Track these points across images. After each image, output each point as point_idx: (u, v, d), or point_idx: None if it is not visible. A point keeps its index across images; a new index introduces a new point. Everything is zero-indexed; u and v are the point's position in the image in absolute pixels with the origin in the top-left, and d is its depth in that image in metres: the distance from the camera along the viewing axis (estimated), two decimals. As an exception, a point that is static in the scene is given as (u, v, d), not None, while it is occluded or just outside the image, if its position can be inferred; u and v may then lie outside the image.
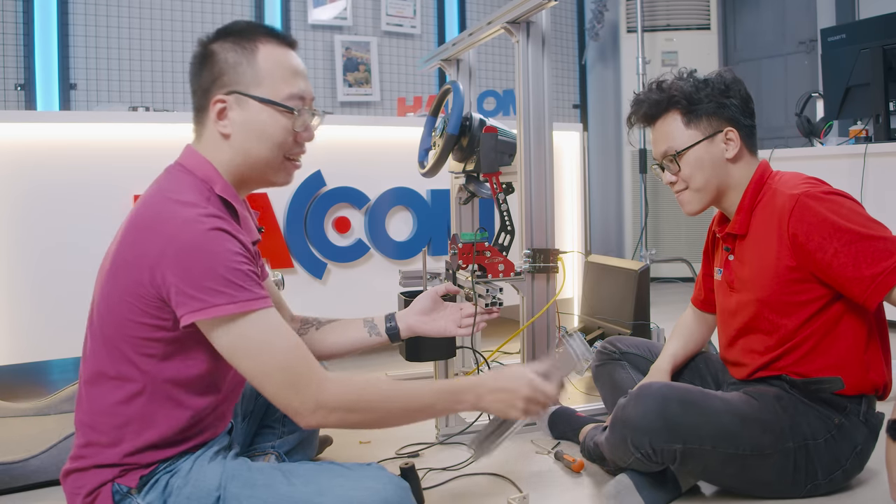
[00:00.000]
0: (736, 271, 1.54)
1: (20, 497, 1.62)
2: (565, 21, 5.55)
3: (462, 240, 1.76)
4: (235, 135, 1.20)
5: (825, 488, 1.44)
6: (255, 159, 1.21)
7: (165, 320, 1.11)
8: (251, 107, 1.19)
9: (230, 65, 1.19)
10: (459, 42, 2.29)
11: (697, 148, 1.51)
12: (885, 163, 3.15)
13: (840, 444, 1.43)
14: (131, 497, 1.12)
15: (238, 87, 1.18)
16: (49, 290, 2.35)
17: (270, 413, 1.57)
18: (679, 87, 1.53)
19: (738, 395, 1.47)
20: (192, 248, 1.06)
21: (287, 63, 1.22)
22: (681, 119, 1.53)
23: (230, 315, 1.06)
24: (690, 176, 1.53)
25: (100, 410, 1.14)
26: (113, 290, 1.12)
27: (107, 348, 1.13)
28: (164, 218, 1.10)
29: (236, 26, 1.23)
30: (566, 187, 3.28)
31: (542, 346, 2.01)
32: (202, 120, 1.23)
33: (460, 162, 2.03)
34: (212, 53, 1.21)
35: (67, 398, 1.97)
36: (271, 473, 1.15)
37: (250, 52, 1.19)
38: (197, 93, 1.23)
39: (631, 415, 1.40)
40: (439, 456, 1.81)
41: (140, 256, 1.09)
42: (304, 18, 4.57)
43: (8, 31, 3.80)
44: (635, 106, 1.60)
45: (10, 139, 2.31)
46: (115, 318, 1.12)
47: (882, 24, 3.30)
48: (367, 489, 1.10)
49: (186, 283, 1.06)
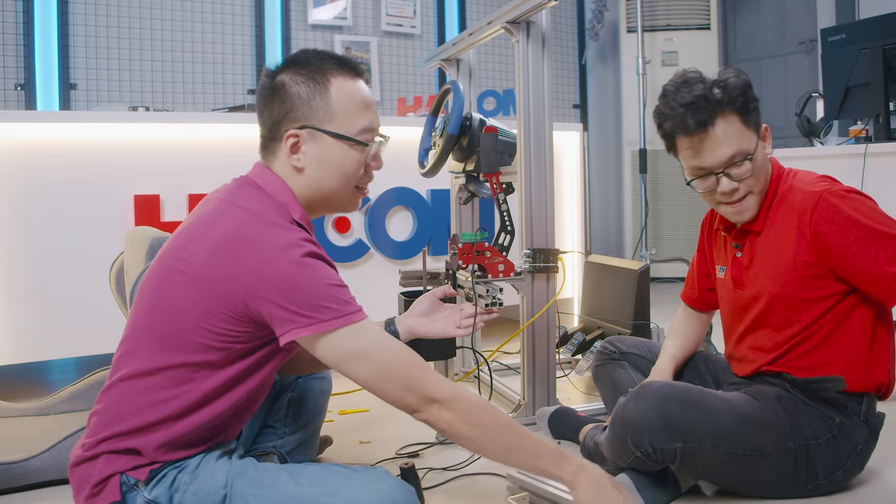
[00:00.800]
0: (746, 268, 1.53)
1: (20, 497, 1.62)
2: (565, 21, 5.55)
3: (462, 240, 1.76)
4: (309, 168, 1.22)
5: (825, 488, 1.44)
6: (327, 191, 1.24)
7: (243, 333, 1.14)
8: (325, 142, 1.21)
9: (303, 99, 1.20)
10: (459, 42, 2.29)
11: (759, 149, 1.44)
12: (885, 163, 3.14)
13: (841, 443, 1.43)
14: (138, 490, 1.13)
15: (311, 121, 1.21)
16: (49, 290, 2.35)
17: (273, 413, 1.57)
18: (732, 85, 1.41)
19: (739, 394, 1.47)
20: (294, 276, 1.10)
21: (359, 96, 1.24)
22: (739, 120, 1.42)
23: (336, 329, 1.11)
24: (756, 180, 1.44)
25: (131, 404, 1.15)
26: (190, 297, 1.13)
27: (160, 347, 1.15)
28: (258, 238, 1.12)
29: (306, 57, 1.24)
30: (566, 187, 3.28)
31: (541, 347, 2.01)
32: (273, 149, 1.25)
33: (460, 162, 2.04)
34: (282, 86, 1.22)
35: (67, 398, 1.97)
36: (277, 473, 1.17)
37: (322, 85, 1.21)
38: (266, 123, 1.24)
39: (631, 413, 1.40)
40: (439, 456, 1.81)
41: (235, 275, 1.11)
42: (304, 18, 4.57)
43: (8, 31, 3.80)
44: (682, 113, 1.40)
45: (10, 139, 2.31)
46: (184, 323, 1.13)
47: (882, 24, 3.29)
48: (374, 491, 1.12)
49: (290, 303, 1.09)
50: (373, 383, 1.15)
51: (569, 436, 1.85)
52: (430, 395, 1.15)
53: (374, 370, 1.14)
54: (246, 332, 1.14)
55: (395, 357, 1.16)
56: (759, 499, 1.46)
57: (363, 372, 1.14)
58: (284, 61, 1.24)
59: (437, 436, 1.91)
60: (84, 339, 2.38)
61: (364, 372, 1.14)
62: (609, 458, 1.52)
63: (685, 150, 1.45)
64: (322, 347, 1.12)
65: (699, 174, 1.45)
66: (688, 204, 4.89)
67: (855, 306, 1.42)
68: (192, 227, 1.19)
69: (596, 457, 1.63)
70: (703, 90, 1.40)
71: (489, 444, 1.18)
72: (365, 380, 1.15)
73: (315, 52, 1.25)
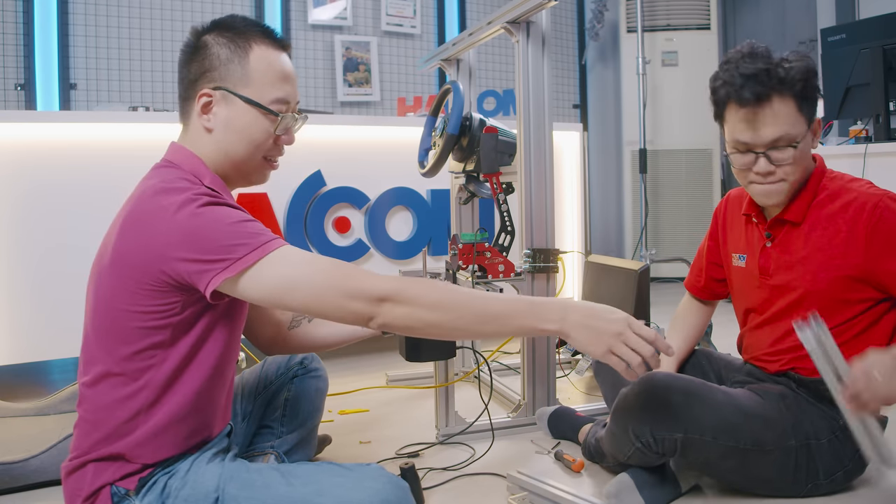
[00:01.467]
0: (777, 258, 1.50)
1: (20, 497, 1.62)
2: (565, 21, 5.55)
3: (462, 240, 1.76)
4: (217, 131, 1.20)
5: (826, 488, 1.44)
6: (233, 157, 1.21)
7: (174, 304, 1.11)
8: (237, 105, 1.20)
9: (221, 60, 1.19)
10: (459, 42, 2.29)
11: (806, 139, 1.41)
12: (885, 163, 3.14)
13: (843, 444, 1.42)
14: (129, 500, 1.12)
15: (226, 83, 1.19)
16: (49, 290, 2.35)
17: (269, 413, 1.57)
18: (796, 69, 1.37)
19: (743, 390, 1.47)
20: (196, 227, 1.06)
21: (278, 66, 1.22)
22: (795, 105, 1.38)
23: (254, 263, 1.05)
24: (793, 169, 1.41)
25: (102, 407, 1.13)
26: (115, 285, 1.12)
27: (108, 344, 1.13)
28: (160, 207, 1.09)
29: (233, 21, 1.23)
30: (566, 187, 3.28)
31: (541, 347, 2.01)
32: (187, 111, 1.23)
33: (460, 162, 2.03)
34: (204, 45, 1.21)
35: (67, 398, 1.97)
36: (270, 474, 1.15)
37: (244, 50, 1.20)
38: (184, 82, 1.23)
39: (633, 402, 1.40)
40: (439, 456, 1.81)
41: (144, 248, 1.08)
42: (304, 18, 4.57)
43: (8, 31, 3.80)
44: (741, 83, 1.37)
45: (10, 139, 2.31)
46: (117, 312, 1.12)
47: (882, 24, 3.29)
48: (367, 489, 1.10)
49: (200, 252, 1.06)
50: (314, 306, 1.08)
51: (569, 435, 1.85)
52: (376, 295, 1.08)
53: (308, 292, 1.07)
54: (177, 302, 1.11)
55: (325, 271, 1.08)
56: (760, 497, 1.46)
57: (299, 298, 1.07)
58: (212, 23, 1.24)
59: (438, 436, 1.91)
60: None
61: (300, 297, 1.07)
62: (609, 452, 1.52)
63: (733, 121, 1.42)
64: (248, 288, 1.06)
65: (740, 149, 1.42)
66: (688, 204, 4.89)
67: (884, 314, 1.41)
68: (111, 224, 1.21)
69: (596, 454, 1.63)
70: (766, 65, 1.36)
71: (457, 321, 1.09)
72: (305, 306, 1.08)
73: (243, 18, 1.25)
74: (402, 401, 2.31)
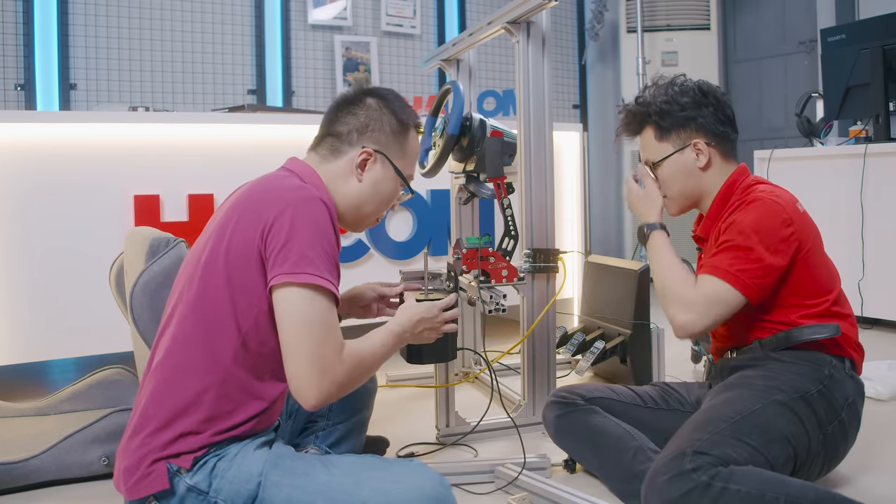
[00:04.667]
0: None
1: (20, 497, 1.62)
2: (565, 21, 5.55)
3: (466, 245, 1.76)
4: (365, 184, 1.37)
5: (830, 442, 1.42)
6: (363, 208, 1.39)
7: (259, 287, 1.19)
8: (388, 172, 1.39)
9: (388, 130, 1.39)
10: (459, 42, 2.29)
11: (669, 160, 1.61)
12: (885, 163, 3.15)
13: (834, 393, 1.43)
14: (180, 476, 1.17)
15: (388, 151, 1.39)
16: (49, 290, 2.34)
17: (316, 410, 1.58)
18: (653, 103, 1.62)
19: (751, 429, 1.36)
20: (308, 211, 1.19)
21: (418, 151, 1.48)
22: (654, 133, 1.63)
23: (315, 286, 1.16)
24: (665, 185, 1.63)
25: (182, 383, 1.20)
26: (216, 261, 1.21)
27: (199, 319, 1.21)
28: (282, 187, 1.23)
29: (396, 98, 1.44)
30: (566, 187, 3.28)
31: (541, 347, 2.01)
32: (338, 150, 1.37)
33: (460, 162, 2.03)
34: (371, 107, 1.39)
35: (67, 398, 1.97)
36: (312, 463, 1.21)
37: (405, 130, 1.42)
38: (344, 126, 1.38)
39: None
40: (439, 456, 1.81)
41: (257, 219, 1.19)
42: (304, 18, 4.57)
43: (8, 31, 3.80)
44: (621, 120, 1.71)
45: (10, 139, 2.31)
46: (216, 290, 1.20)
47: (882, 24, 3.30)
48: (407, 483, 1.14)
49: (291, 244, 1.16)
50: (294, 351, 1.16)
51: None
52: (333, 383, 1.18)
53: (301, 339, 1.17)
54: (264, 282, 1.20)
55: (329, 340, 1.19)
56: None
57: (290, 337, 1.17)
58: (374, 90, 1.43)
59: (438, 436, 1.91)
60: (84, 340, 2.38)
61: (291, 337, 1.17)
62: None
63: None
64: (287, 300, 1.17)
65: None
66: (688, 204, 4.88)
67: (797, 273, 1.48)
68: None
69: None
70: (633, 105, 1.67)
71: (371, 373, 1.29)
72: (290, 345, 1.17)
73: (397, 95, 1.45)
74: (402, 401, 2.32)
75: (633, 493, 1.43)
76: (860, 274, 3.18)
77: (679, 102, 1.60)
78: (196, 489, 1.17)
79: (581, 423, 1.61)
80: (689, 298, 1.46)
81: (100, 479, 1.69)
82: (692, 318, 1.45)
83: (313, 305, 1.15)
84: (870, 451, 1.75)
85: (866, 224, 3.18)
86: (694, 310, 1.45)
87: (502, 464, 1.63)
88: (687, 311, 1.46)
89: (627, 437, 1.53)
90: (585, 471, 1.67)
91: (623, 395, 1.66)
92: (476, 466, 1.66)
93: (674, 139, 1.61)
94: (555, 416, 1.65)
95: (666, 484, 1.24)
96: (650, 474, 1.29)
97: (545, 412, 1.70)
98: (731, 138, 1.62)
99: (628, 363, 2.31)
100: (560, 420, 1.64)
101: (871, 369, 2.29)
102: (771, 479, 1.22)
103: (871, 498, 1.49)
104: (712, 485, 1.21)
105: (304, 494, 1.15)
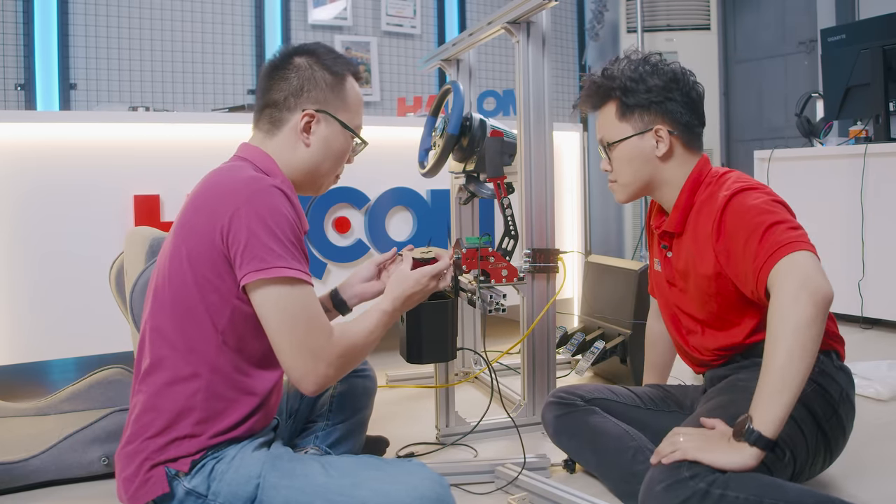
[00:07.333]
0: (674, 267, 1.55)
1: (20, 497, 1.62)
2: (565, 21, 5.55)
3: (466, 245, 1.76)
4: (314, 147, 1.34)
5: (830, 438, 1.41)
6: (320, 170, 1.36)
7: (229, 284, 1.19)
8: (334, 128, 1.35)
9: (322, 87, 1.33)
10: (459, 42, 2.29)
11: (627, 143, 1.51)
12: (885, 163, 3.15)
13: (827, 389, 1.41)
14: (179, 479, 1.17)
15: (328, 107, 1.34)
16: (49, 290, 2.34)
17: (316, 410, 1.59)
18: (620, 78, 1.51)
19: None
20: (263, 204, 1.16)
21: (360, 98, 1.42)
22: (616, 111, 1.52)
23: (287, 278, 1.15)
24: (619, 170, 1.54)
25: (165, 390, 1.20)
26: (181, 263, 1.19)
27: (176, 321, 1.20)
28: (233, 180, 1.21)
29: (326, 51, 1.36)
30: (566, 187, 3.28)
31: (541, 347, 2.01)
32: (278, 120, 1.33)
33: (460, 162, 2.03)
34: (305, 66, 1.33)
35: (67, 398, 1.97)
36: (310, 464, 1.20)
37: (341, 78, 1.36)
38: (279, 93, 1.32)
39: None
40: (439, 456, 1.81)
41: (212, 218, 1.17)
42: (304, 18, 4.57)
43: (8, 31, 3.80)
44: (583, 91, 1.60)
45: (10, 139, 2.31)
46: (186, 290, 1.19)
47: (882, 24, 3.30)
48: (405, 484, 1.13)
49: (254, 241, 1.15)
50: (283, 341, 1.18)
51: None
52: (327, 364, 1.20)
53: (288, 330, 1.18)
54: (233, 280, 1.19)
55: (318, 327, 1.20)
56: None
57: (277, 330, 1.18)
58: (300, 47, 1.35)
59: (438, 436, 1.91)
60: (84, 339, 2.38)
61: (278, 330, 1.18)
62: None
63: None
64: (265, 296, 1.18)
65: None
66: (688, 204, 4.88)
67: None
68: None
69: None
70: (599, 76, 1.55)
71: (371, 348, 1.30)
72: (276, 338, 1.18)
73: (330, 49, 1.38)
74: (402, 401, 2.32)
75: (632, 493, 1.43)
76: (860, 274, 3.18)
77: (647, 83, 1.49)
78: (195, 492, 1.17)
79: (580, 424, 1.60)
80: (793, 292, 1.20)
81: (100, 479, 1.69)
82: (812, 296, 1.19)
83: (290, 298, 1.16)
84: (870, 451, 1.75)
85: (866, 224, 3.18)
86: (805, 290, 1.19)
87: (502, 464, 1.63)
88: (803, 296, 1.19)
89: (627, 437, 1.52)
90: (585, 471, 1.66)
91: (622, 395, 1.65)
92: (476, 466, 1.66)
93: (635, 121, 1.50)
94: (554, 416, 1.65)
95: (663, 491, 1.23)
96: (647, 481, 1.28)
97: (544, 412, 1.69)
98: (696, 130, 1.53)
99: (628, 363, 2.31)
100: (559, 420, 1.64)
101: (871, 369, 2.29)
102: (769, 485, 1.21)
103: (872, 499, 1.49)
104: (710, 492, 1.19)
105: (302, 496, 1.15)
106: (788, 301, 1.20)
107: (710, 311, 1.49)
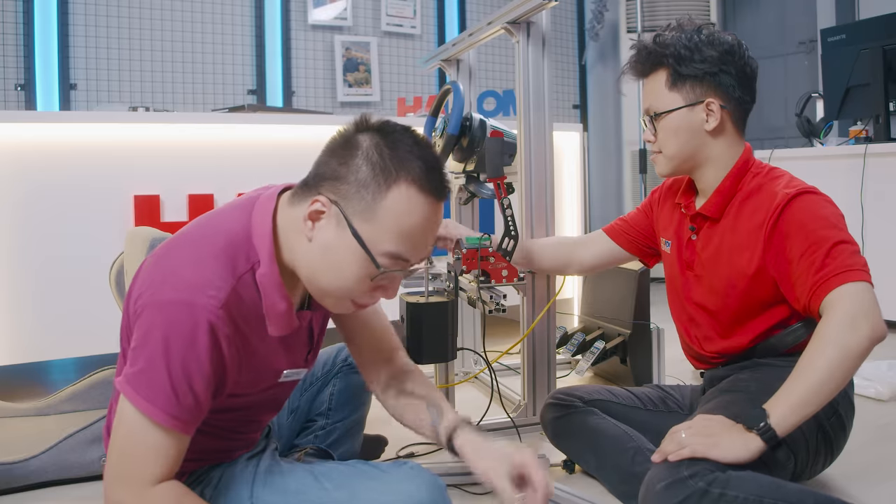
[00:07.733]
0: (700, 252, 1.50)
1: (20, 497, 1.62)
2: (565, 21, 5.55)
3: (466, 245, 1.76)
4: (314, 247, 1.03)
5: (830, 437, 1.41)
6: (319, 282, 1.05)
7: None
8: (344, 236, 1.01)
9: (355, 179, 1.01)
10: (459, 42, 2.29)
11: (676, 114, 1.44)
12: (885, 163, 3.15)
13: None
14: None
15: (347, 206, 1.01)
16: (49, 290, 2.34)
17: (315, 408, 1.58)
18: (673, 45, 1.43)
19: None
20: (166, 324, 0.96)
21: (414, 218, 1.01)
22: (666, 79, 1.45)
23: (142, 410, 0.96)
24: (665, 141, 1.47)
25: None
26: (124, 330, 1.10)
27: None
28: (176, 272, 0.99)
29: (397, 137, 1.04)
30: (566, 187, 3.28)
31: (541, 347, 2.00)
32: (301, 196, 1.07)
33: (460, 162, 2.03)
34: (356, 146, 1.03)
35: (67, 398, 1.97)
36: (304, 478, 1.16)
37: (387, 181, 1.00)
38: (319, 165, 1.07)
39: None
40: (439, 456, 1.81)
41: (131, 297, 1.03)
42: (304, 18, 4.57)
43: (8, 31, 3.80)
44: (632, 57, 1.51)
45: (10, 139, 2.31)
46: None
47: (882, 24, 3.30)
48: (401, 493, 1.10)
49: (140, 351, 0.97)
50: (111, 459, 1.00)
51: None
52: None
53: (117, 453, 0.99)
54: None
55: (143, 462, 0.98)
56: None
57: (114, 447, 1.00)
58: (378, 124, 1.06)
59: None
60: (84, 340, 2.38)
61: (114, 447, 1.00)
62: None
63: None
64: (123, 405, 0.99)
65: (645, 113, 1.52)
66: (688, 204, 4.89)
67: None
68: None
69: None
70: (651, 42, 1.47)
71: None
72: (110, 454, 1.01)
73: (412, 135, 1.05)
74: (402, 401, 2.31)
75: (631, 493, 1.42)
76: (860, 274, 3.18)
77: (702, 52, 1.41)
78: None
79: (579, 425, 1.59)
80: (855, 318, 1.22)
81: (100, 480, 1.68)
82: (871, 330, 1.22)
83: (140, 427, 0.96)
84: (870, 452, 1.75)
85: (866, 224, 3.17)
86: (867, 322, 1.23)
87: (502, 464, 1.63)
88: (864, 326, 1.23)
89: (626, 438, 1.52)
90: (584, 471, 1.66)
91: (621, 396, 1.65)
92: (476, 466, 1.65)
93: (686, 92, 1.43)
94: (553, 417, 1.65)
95: (663, 491, 1.23)
96: (647, 481, 1.28)
97: (543, 414, 1.69)
98: (747, 107, 1.47)
99: (628, 363, 2.31)
100: (558, 422, 1.63)
101: (871, 369, 2.29)
102: (769, 485, 1.21)
103: (872, 499, 1.49)
104: (710, 491, 1.19)
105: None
106: (847, 323, 1.21)
107: (726, 305, 1.46)
